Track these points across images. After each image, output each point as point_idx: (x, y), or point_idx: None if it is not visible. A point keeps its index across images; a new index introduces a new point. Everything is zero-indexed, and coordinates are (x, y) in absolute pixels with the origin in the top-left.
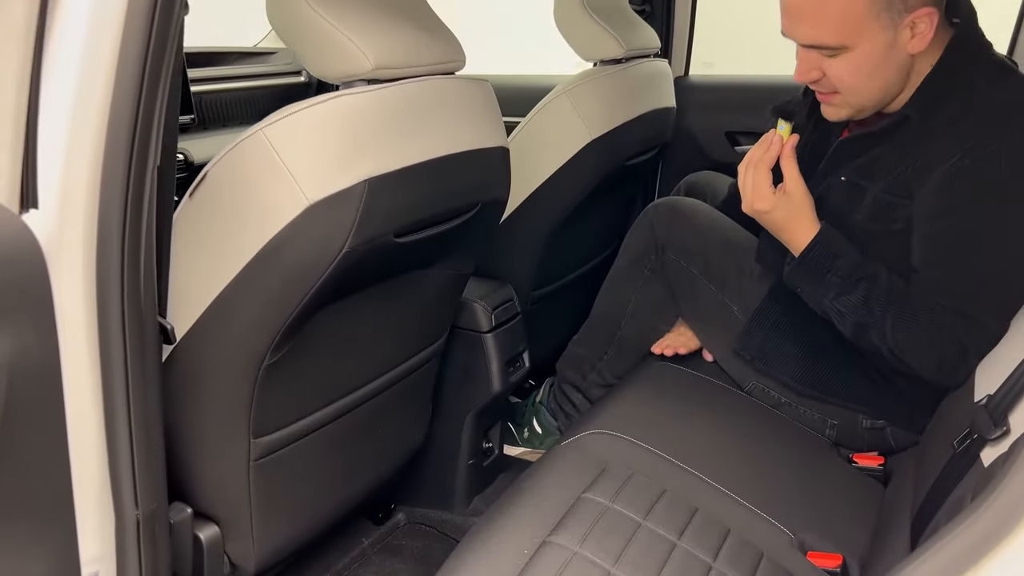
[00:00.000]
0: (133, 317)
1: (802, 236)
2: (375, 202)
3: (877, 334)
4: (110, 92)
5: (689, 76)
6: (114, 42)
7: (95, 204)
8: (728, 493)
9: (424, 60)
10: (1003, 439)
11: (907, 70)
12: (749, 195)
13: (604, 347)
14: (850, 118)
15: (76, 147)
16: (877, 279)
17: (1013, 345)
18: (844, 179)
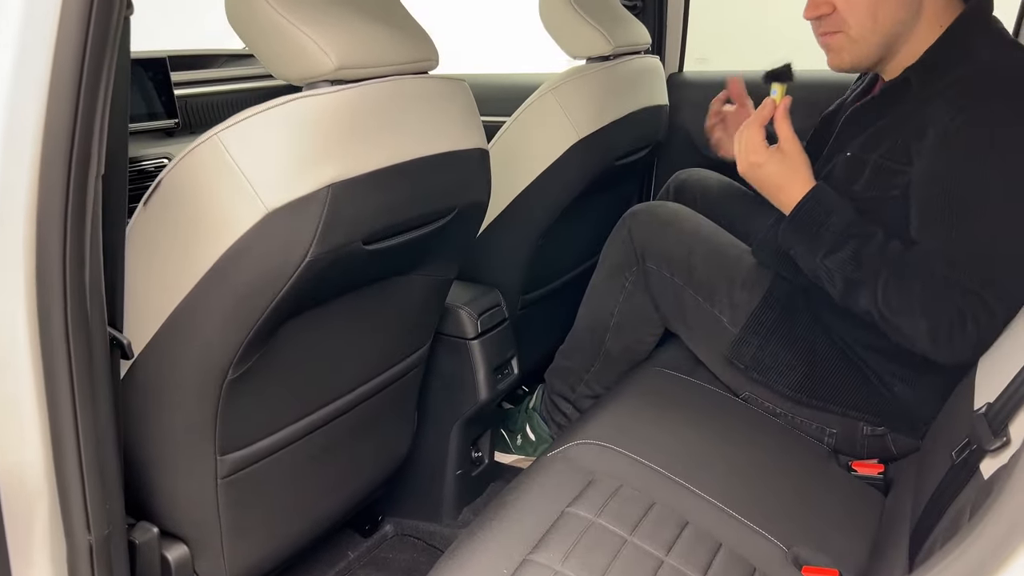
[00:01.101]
0: (78, 329)
1: (796, 193)
2: (340, 208)
3: (868, 294)
4: (44, 95)
5: (683, 72)
6: (48, 41)
7: (32, 212)
8: (720, 505)
9: (392, 59)
10: (1003, 450)
11: (914, 14)
12: (743, 152)
13: (590, 360)
14: (851, 67)
15: (10, 152)
16: (872, 237)
17: (1014, 352)
18: (849, 154)
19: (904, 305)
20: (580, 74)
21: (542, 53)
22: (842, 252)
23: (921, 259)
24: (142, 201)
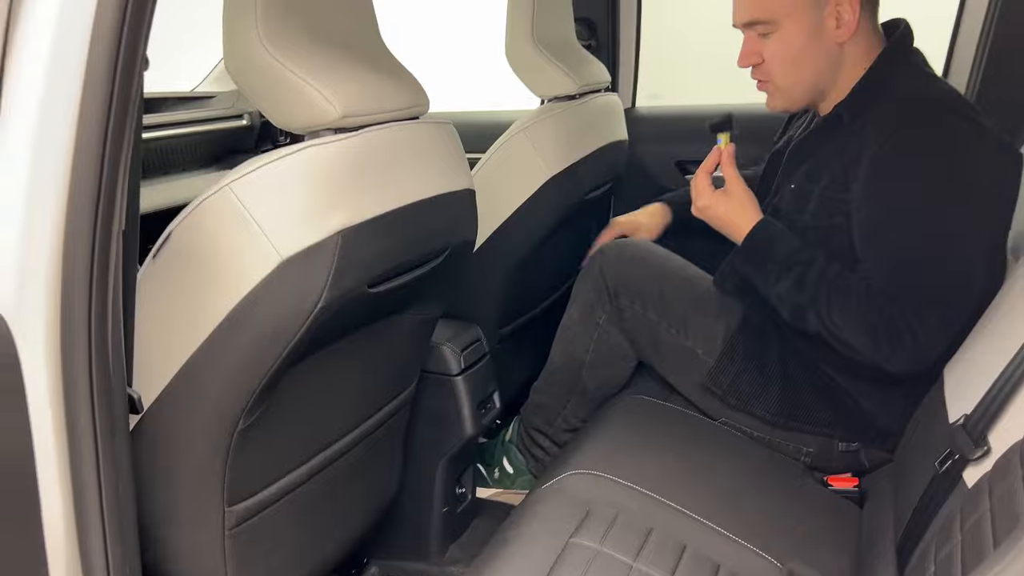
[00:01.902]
0: (102, 390)
1: (744, 228)
2: (349, 254)
3: (813, 316)
4: (71, 154)
5: (637, 108)
6: (74, 101)
7: (58, 272)
8: (713, 527)
9: (389, 106)
10: (985, 458)
11: (836, 62)
12: (695, 198)
13: (566, 397)
14: (785, 109)
15: (36, 212)
16: (811, 263)
17: (983, 364)
18: (793, 186)
19: (845, 322)
20: (549, 114)
21: (497, 91)
22: (787, 279)
23: (861, 277)
24: (151, 253)
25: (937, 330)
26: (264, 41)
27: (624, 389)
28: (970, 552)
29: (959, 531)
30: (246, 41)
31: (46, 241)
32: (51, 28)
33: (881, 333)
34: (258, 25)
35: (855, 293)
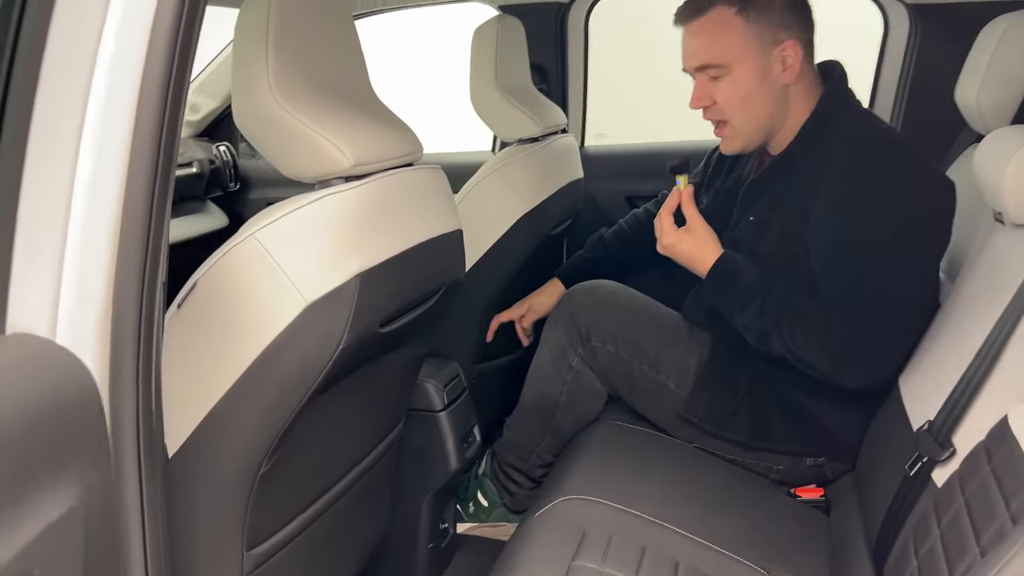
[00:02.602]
0: (146, 441)
1: (708, 262)
2: (366, 296)
3: (777, 339)
4: (120, 213)
5: (586, 147)
6: (123, 165)
7: (108, 323)
8: (700, 541)
9: (392, 154)
10: (951, 459)
11: (784, 103)
12: (659, 236)
13: (541, 435)
14: (742, 150)
15: (89, 268)
16: (771, 292)
17: (938, 373)
18: (752, 218)
19: (808, 344)
20: (518, 155)
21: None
22: (750, 308)
23: (820, 301)
24: (175, 303)
25: (892, 347)
26: (276, 95)
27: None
28: (952, 545)
29: (936, 527)
30: (259, 95)
31: (97, 292)
32: (102, 91)
33: (841, 353)
34: (270, 80)
35: (815, 316)
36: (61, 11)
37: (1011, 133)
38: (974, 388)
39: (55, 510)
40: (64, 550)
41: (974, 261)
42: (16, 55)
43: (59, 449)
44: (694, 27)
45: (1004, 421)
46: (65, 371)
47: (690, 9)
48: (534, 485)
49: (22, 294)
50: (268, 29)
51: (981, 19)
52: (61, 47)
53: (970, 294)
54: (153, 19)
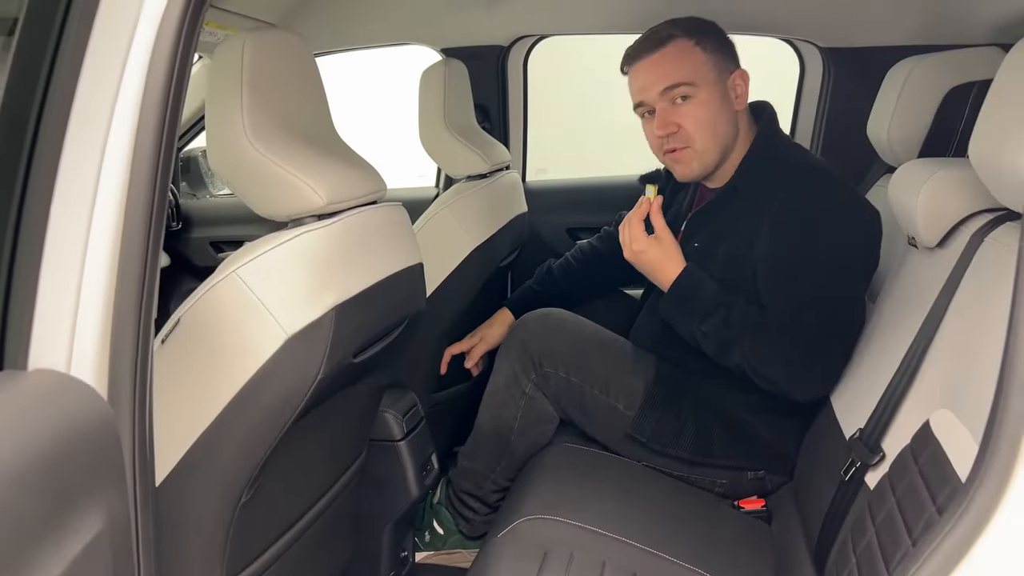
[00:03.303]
0: (141, 476)
1: (672, 272)
2: (341, 327)
3: (738, 351)
4: (119, 254)
5: (528, 182)
6: (120, 209)
7: (106, 359)
8: (656, 552)
9: (359, 192)
10: (881, 463)
11: (736, 129)
12: (628, 243)
13: (496, 460)
14: (698, 175)
15: (87, 306)
16: (734, 304)
17: (866, 386)
18: (697, 245)
19: (765, 356)
20: (466, 191)
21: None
22: (714, 318)
23: (771, 319)
24: (158, 338)
25: (837, 362)
26: (251, 138)
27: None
28: (887, 540)
29: (872, 525)
30: (234, 141)
31: (102, 333)
32: (100, 143)
33: (796, 370)
34: (245, 125)
35: (774, 332)
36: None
37: (921, 165)
38: (899, 397)
39: (89, 532)
40: (99, 569)
41: (892, 282)
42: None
43: (87, 476)
44: (654, 59)
45: (927, 425)
46: (86, 403)
47: (650, 43)
48: (489, 511)
49: (42, 333)
50: (242, 75)
51: (888, 61)
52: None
53: (891, 312)
54: (146, 78)
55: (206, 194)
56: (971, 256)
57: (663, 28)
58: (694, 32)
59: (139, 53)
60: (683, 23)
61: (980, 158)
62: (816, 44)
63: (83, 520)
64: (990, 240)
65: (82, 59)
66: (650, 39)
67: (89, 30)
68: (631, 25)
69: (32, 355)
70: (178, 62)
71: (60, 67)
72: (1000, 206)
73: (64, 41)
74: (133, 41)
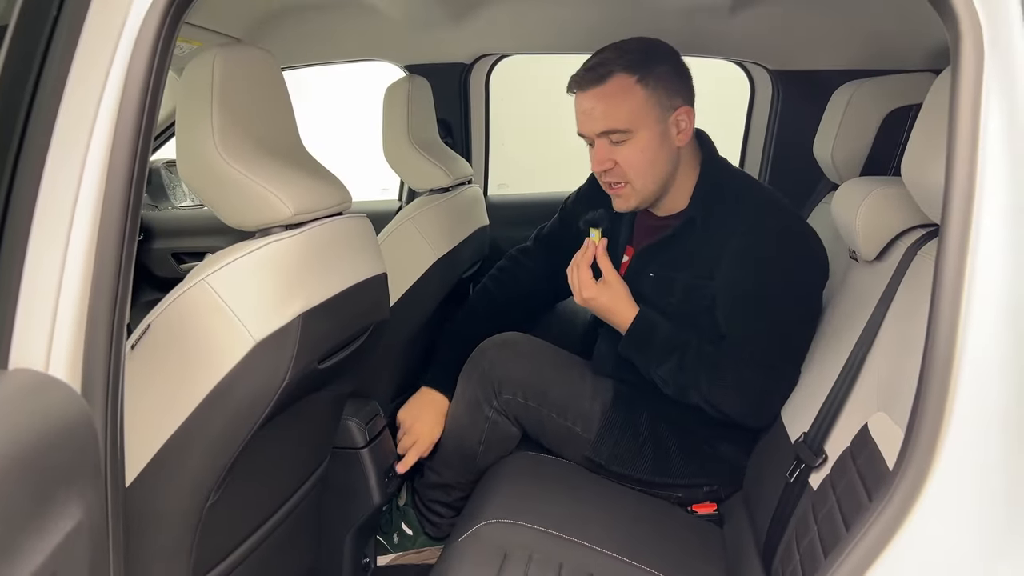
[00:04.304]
0: (113, 479)
1: (625, 315)
2: (307, 334)
3: (696, 392)
4: (93, 258)
5: (489, 196)
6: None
7: (79, 363)
8: (610, 554)
9: (326, 203)
10: (824, 465)
11: (676, 164)
12: (577, 288)
13: (462, 474)
14: (636, 208)
15: (64, 311)
16: (688, 347)
17: (810, 392)
18: (652, 275)
19: (724, 395)
20: (429, 204)
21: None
22: (668, 363)
23: (730, 349)
24: (128, 343)
25: (790, 384)
26: (221, 151)
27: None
28: (827, 536)
29: (814, 523)
30: (204, 152)
31: (76, 333)
32: (80, 154)
33: (754, 401)
34: (215, 138)
35: (729, 370)
36: (69, 96)
37: (861, 183)
38: (840, 402)
39: (69, 522)
40: (78, 557)
41: (835, 294)
42: (25, 139)
43: (66, 469)
44: (595, 93)
45: (865, 428)
46: (65, 401)
47: (590, 77)
48: (455, 514)
49: (22, 334)
50: (212, 90)
51: (833, 84)
52: (67, 124)
53: (834, 322)
54: (122, 92)
55: (168, 205)
56: (905, 268)
57: (607, 58)
58: (637, 67)
59: (117, 70)
60: (628, 54)
61: (911, 177)
62: (765, 67)
63: (63, 511)
64: (922, 254)
65: (66, 74)
66: (593, 71)
67: (73, 49)
68: (585, 46)
69: (13, 355)
70: (153, 78)
71: (45, 82)
72: (931, 221)
73: (48, 58)
74: (113, 60)
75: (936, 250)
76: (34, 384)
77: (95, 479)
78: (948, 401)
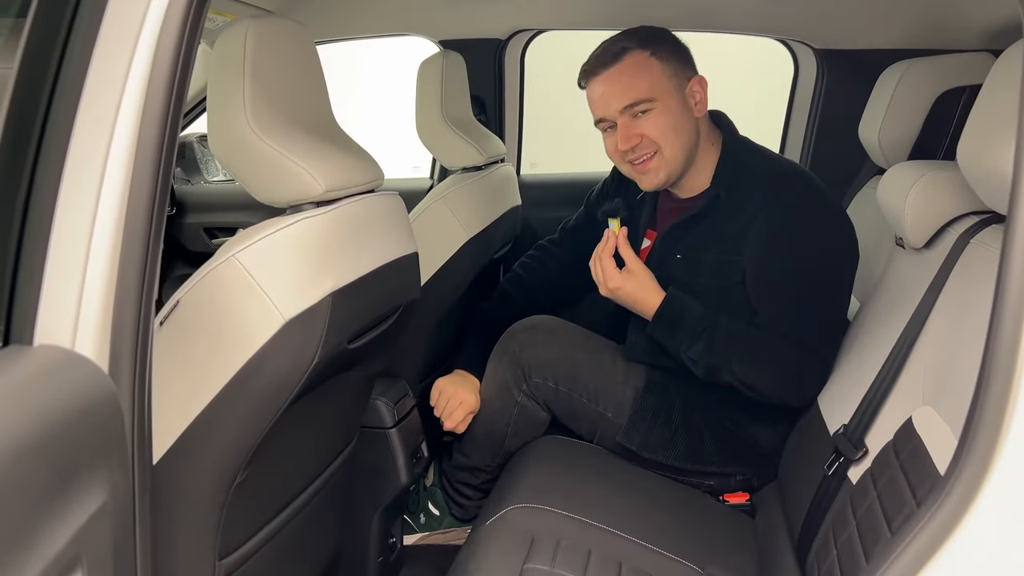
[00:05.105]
0: (140, 455)
1: (652, 301)
2: (337, 313)
3: (727, 372)
4: (122, 233)
5: (521, 176)
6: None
7: (107, 338)
8: (640, 542)
9: (358, 180)
10: (864, 458)
11: (697, 137)
12: (602, 280)
13: (491, 458)
14: (664, 183)
15: (89, 290)
16: (718, 326)
17: (851, 382)
18: (680, 256)
19: (755, 374)
20: (462, 183)
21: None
22: (698, 344)
23: (761, 326)
24: (157, 320)
25: (830, 361)
26: (252, 125)
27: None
28: (867, 533)
29: (853, 518)
30: (236, 127)
31: (105, 311)
32: (108, 128)
33: (790, 378)
34: (247, 113)
35: (762, 347)
36: (95, 69)
37: (910, 167)
38: (883, 394)
39: (93, 503)
40: (102, 539)
41: (879, 282)
42: (51, 111)
43: (91, 449)
44: (611, 73)
45: (909, 422)
46: (90, 378)
47: (605, 58)
48: (483, 496)
49: (48, 310)
50: (244, 63)
51: (880, 64)
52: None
53: (876, 311)
54: (152, 66)
55: (201, 180)
56: (956, 257)
57: (618, 41)
58: (648, 42)
59: (146, 42)
60: (637, 34)
61: (967, 161)
62: (811, 45)
63: (87, 491)
64: (975, 242)
65: (92, 47)
66: (605, 54)
67: (100, 20)
68: (627, 21)
69: (38, 331)
70: (183, 51)
71: (71, 55)
72: (986, 208)
73: (75, 30)
74: (141, 31)
75: (994, 239)
76: (59, 361)
77: (121, 459)
78: (1009, 404)
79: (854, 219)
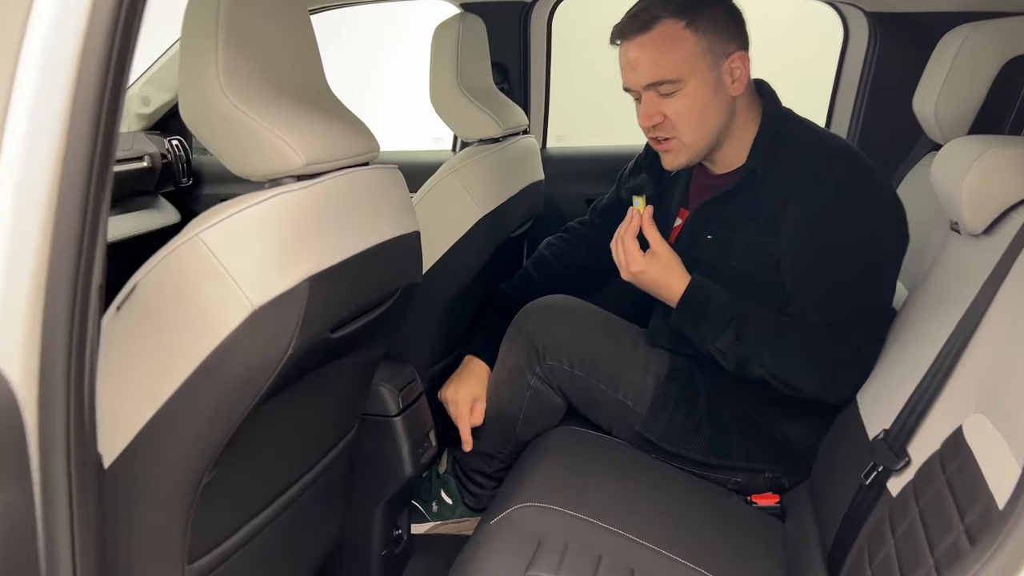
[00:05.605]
0: (78, 450)
1: (677, 288)
2: (316, 300)
3: (759, 365)
4: (54, 206)
5: (548, 148)
6: (56, 152)
7: (38, 328)
8: (656, 549)
9: (346, 153)
10: (906, 469)
11: (732, 116)
12: (624, 262)
13: (503, 445)
14: (686, 165)
15: (15, 266)
16: (748, 315)
17: (894, 383)
18: (711, 237)
19: (789, 367)
20: (477, 156)
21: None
22: (726, 334)
23: (796, 314)
24: (114, 305)
25: (871, 355)
26: (227, 92)
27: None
28: (905, 555)
29: (891, 536)
30: (208, 92)
31: (25, 297)
32: (34, 72)
33: (827, 372)
34: (220, 76)
35: (796, 339)
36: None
37: (969, 144)
38: (930, 398)
39: None
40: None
41: (930, 270)
42: None
43: None
44: (640, 42)
45: (959, 431)
46: None
47: (635, 24)
48: (496, 485)
49: None
50: (218, 21)
51: (940, 29)
52: None
53: (926, 304)
54: None
55: None
56: (1021, 246)
57: (652, 3)
58: (686, 10)
59: None
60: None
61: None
62: (862, 8)
63: None
64: None
65: None
66: (636, 19)
67: None
68: None
69: None
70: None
71: None
72: None
73: None
74: None
75: None
76: None
77: (19, 478)
78: None
79: (904, 200)
